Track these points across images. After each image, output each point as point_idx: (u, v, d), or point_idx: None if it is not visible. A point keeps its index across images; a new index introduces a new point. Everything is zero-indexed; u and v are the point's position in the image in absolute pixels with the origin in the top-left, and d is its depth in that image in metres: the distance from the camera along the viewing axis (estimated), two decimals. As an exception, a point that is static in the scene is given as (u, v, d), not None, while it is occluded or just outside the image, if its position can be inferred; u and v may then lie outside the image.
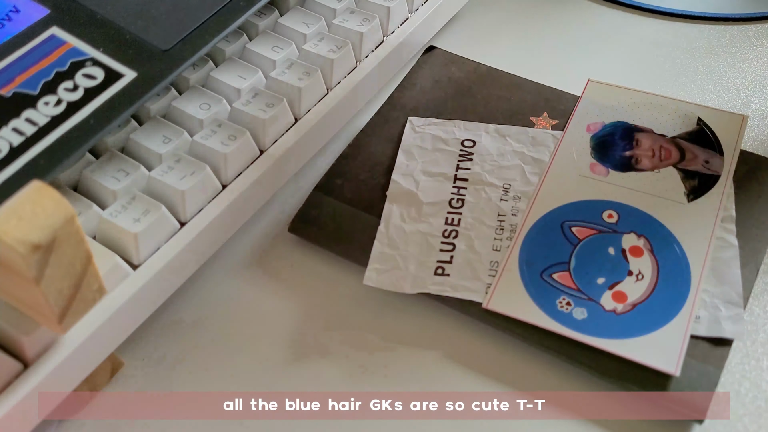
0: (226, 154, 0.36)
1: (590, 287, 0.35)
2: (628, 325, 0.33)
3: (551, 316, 0.33)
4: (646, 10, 0.52)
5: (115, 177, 0.35)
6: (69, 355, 0.31)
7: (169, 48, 0.36)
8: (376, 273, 0.36)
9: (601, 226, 0.37)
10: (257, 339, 0.36)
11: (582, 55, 0.49)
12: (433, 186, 0.39)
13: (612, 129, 0.40)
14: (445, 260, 0.36)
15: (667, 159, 0.38)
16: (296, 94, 0.39)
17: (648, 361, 0.32)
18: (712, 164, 0.38)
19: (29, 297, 0.28)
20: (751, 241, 0.36)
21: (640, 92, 0.41)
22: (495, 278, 0.35)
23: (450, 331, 0.35)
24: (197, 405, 0.34)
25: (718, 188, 0.37)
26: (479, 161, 0.40)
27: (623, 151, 0.39)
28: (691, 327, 0.33)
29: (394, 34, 0.44)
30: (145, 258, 0.34)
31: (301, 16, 0.43)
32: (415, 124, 0.42)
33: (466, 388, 0.34)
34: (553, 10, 0.52)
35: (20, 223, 0.26)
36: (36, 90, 0.34)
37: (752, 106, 0.45)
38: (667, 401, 0.32)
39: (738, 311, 0.33)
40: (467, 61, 0.45)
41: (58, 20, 0.36)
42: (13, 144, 0.32)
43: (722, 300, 0.33)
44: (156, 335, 0.36)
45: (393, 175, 0.39)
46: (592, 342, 0.33)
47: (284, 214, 0.41)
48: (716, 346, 0.33)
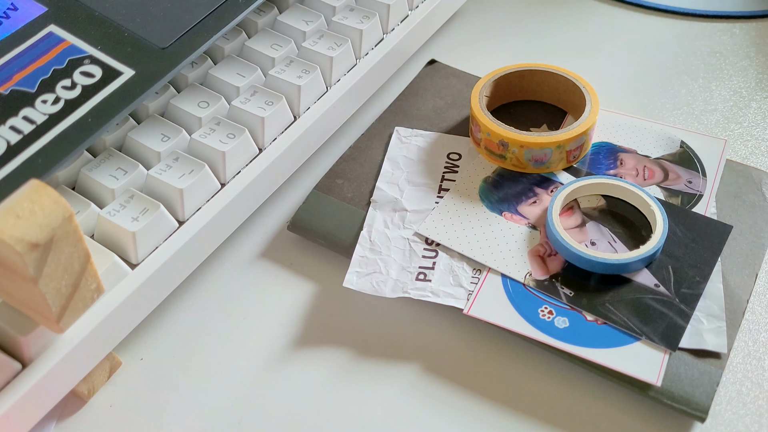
0: (225, 152, 0.36)
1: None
2: (609, 334, 0.33)
3: (533, 324, 0.33)
4: (647, 8, 0.51)
5: (113, 175, 0.35)
6: (67, 354, 0.31)
7: (168, 46, 0.36)
8: (356, 276, 0.36)
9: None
10: (256, 338, 0.36)
11: (583, 54, 0.48)
12: (418, 195, 0.39)
13: (596, 149, 0.40)
14: (427, 266, 0.36)
15: (650, 178, 0.39)
16: (295, 92, 0.39)
17: (630, 370, 0.32)
18: (695, 184, 0.38)
19: (27, 296, 0.28)
20: (748, 247, 0.36)
21: (625, 115, 0.42)
22: (477, 285, 0.35)
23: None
24: (195, 404, 0.34)
25: (701, 207, 0.37)
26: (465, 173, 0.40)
27: (607, 170, 0.39)
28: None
29: (393, 31, 0.44)
30: (143, 257, 0.34)
31: (300, 13, 0.43)
32: (401, 134, 0.42)
33: (446, 397, 0.34)
34: (553, 8, 0.52)
35: (18, 221, 0.25)
36: (34, 88, 0.34)
37: (754, 104, 0.45)
38: (668, 400, 0.31)
39: (720, 324, 0.33)
40: (467, 75, 0.45)
41: (56, 18, 0.36)
42: (10, 142, 0.32)
43: (705, 313, 0.34)
44: (154, 334, 0.36)
45: (378, 182, 0.39)
46: (574, 351, 0.33)
47: (284, 213, 0.41)
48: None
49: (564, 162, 0.39)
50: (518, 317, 0.34)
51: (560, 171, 0.39)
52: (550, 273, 0.35)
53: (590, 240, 0.36)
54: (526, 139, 0.38)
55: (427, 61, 0.48)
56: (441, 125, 0.42)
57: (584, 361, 0.33)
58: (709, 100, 0.45)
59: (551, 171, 0.39)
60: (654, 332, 0.33)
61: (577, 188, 0.37)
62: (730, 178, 0.39)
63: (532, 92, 0.43)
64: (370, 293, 0.35)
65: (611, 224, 0.37)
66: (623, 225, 0.37)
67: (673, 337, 0.33)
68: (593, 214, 0.37)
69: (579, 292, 0.34)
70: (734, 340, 0.33)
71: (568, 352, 0.33)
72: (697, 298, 0.34)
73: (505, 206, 0.38)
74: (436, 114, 0.43)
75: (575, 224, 0.37)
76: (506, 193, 0.39)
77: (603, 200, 0.38)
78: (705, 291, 0.34)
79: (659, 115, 0.44)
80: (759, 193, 0.38)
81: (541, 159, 0.38)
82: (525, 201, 0.38)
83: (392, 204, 0.38)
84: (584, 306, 0.34)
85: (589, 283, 0.35)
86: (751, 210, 0.38)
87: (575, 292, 0.34)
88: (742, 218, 0.37)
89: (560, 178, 0.39)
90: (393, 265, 0.36)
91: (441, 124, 0.42)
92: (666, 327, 0.33)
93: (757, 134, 0.43)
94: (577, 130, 0.38)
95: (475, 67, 0.48)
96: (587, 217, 0.37)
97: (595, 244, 0.36)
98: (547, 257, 0.36)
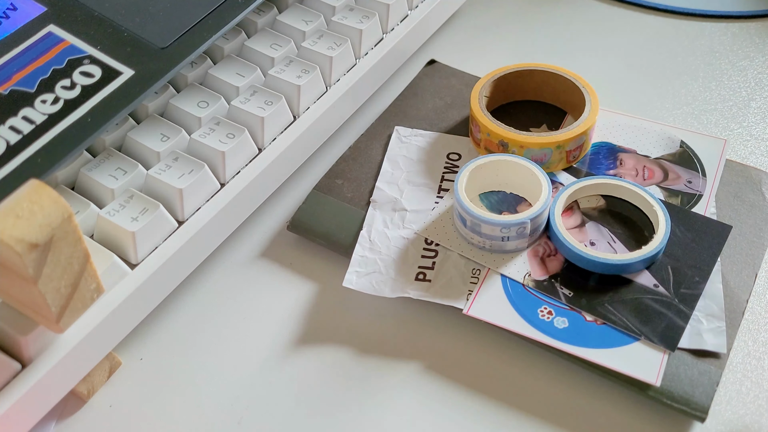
0: (225, 152, 0.36)
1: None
2: (609, 334, 0.33)
3: (532, 324, 0.33)
4: (647, 8, 0.51)
5: (112, 175, 0.35)
6: (67, 354, 0.31)
7: (167, 45, 0.36)
8: (356, 276, 0.36)
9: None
10: (256, 338, 0.36)
11: (583, 54, 0.48)
12: (417, 195, 0.39)
13: (596, 149, 0.40)
14: (426, 266, 0.36)
15: (650, 178, 0.39)
16: (295, 91, 0.39)
17: (629, 370, 0.32)
18: (695, 184, 0.38)
19: (27, 296, 0.28)
20: (748, 247, 0.36)
21: (625, 115, 0.42)
22: (476, 285, 0.35)
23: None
24: (195, 404, 0.34)
25: (700, 207, 0.37)
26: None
27: (607, 169, 0.39)
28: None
29: (393, 31, 0.44)
30: (143, 257, 0.34)
31: (299, 13, 0.43)
32: (401, 134, 0.42)
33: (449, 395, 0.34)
34: (553, 8, 0.52)
35: (18, 221, 0.25)
36: (33, 88, 0.34)
37: (754, 104, 0.45)
38: (667, 400, 0.31)
39: (719, 324, 0.33)
40: (467, 75, 0.45)
41: (56, 18, 0.36)
42: (10, 142, 0.32)
43: (704, 313, 0.34)
44: (154, 334, 0.36)
45: (377, 182, 0.39)
46: (574, 351, 0.33)
47: (283, 213, 0.41)
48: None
49: (564, 162, 0.39)
50: (518, 317, 0.34)
51: (560, 171, 0.39)
52: (550, 273, 0.35)
53: (590, 240, 0.36)
54: (526, 140, 0.38)
55: (426, 61, 0.48)
56: (441, 125, 0.42)
57: (584, 361, 0.33)
58: (709, 100, 0.45)
59: (551, 171, 0.39)
60: (653, 332, 0.33)
61: (580, 188, 0.37)
62: (729, 178, 0.39)
63: (532, 92, 0.43)
64: (370, 293, 0.35)
65: (611, 224, 0.37)
66: (623, 225, 0.37)
67: (672, 338, 0.33)
68: (593, 214, 0.37)
69: (578, 292, 0.34)
70: (734, 340, 0.33)
71: (568, 353, 0.33)
72: (696, 298, 0.34)
73: (505, 206, 0.38)
74: (435, 114, 0.43)
75: (575, 224, 0.37)
76: (506, 193, 0.39)
77: (603, 200, 0.38)
78: (704, 291, 0.34)
79: (659, 115, 0.44)
80: (759, 193, 0.38)
81: (541, 159, 0.38)
82: (524, 201, 0.38)
83: (392, 204, 0.38)
84: (583, 306, 0.34)
85: (588, 283, 0.35)
86: (750, 210, 0.38)
87: (574, 292, 0.34)
88: (742, 218, 0.37)
89: (560, 179, 0.39)
90: (392, 265, 0.36)
91: (441, 124, 0.42)
92: (665, 327, 0.33)
93: (757, 134, 0.43)
94: (576, 130, 0.38)
95: (475, 67, 0.48)
96: (587, 217, 0.37)
97: (595, 244, 0.36)
98: (547, 257, 0.36)
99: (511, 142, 0.38)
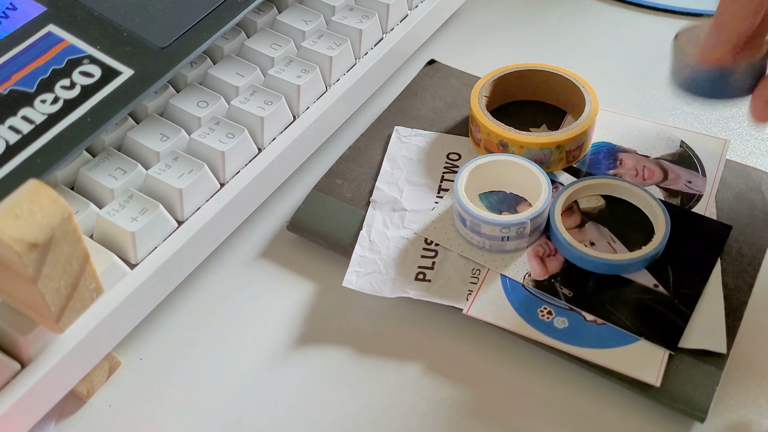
0: (224, 152, 0.36)
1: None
2: (609, 334, 0.33)
3: (532, 324, 0.33)
4: (647, 8, 0.51)
5: (112, 175, 0.35)
6: (66, 354, 0.31)
7: (167, 45, 0.36)
8: (356, 276, 0.36)
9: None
10: (256, 338, 0.36)
11: (583, 54, 0.48)
12: (417, 195, 0.39)
13: (596, 149, 0.40)
14: (426, 266, 0.36)
15: (650, 178, 0.39)
16: (295, 91, 0.39)
17: (629, 371, 0.32)
18: (695, 184, 0.38)
19: (27, 296, 0.28)
20: (748, 247, 0.36)
21: (625, 115, 0.42)
22: (476, 285, 0.35)
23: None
24: (195, 403, 0.33)
25: (700, 207, 0.37)
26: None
27: (607, 169, 0.39)
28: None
29: (393, 31, 0.44)
30: (142, 257, 0.34)
31: (299, 13, 0.43)
32: (401, 134, 0.42)
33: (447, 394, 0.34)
34: (553, 8, 0.52)
35: (17, 221, 0.25)
36: (33, 88, 0.34)
37: (753, 103, 0.45)
38: (667, 400, 0.31)
39: (719, 324, 0.33)
40: (466, 75, 0.45)
41: (55, 18, 0.36)
42: (9, 142, 0.32)
43: (704, 313, 0.33)
44: (154, 334, 0.36)
45: (377, 182, 0.39)
46: (574, 351, 0.33)
47: (283, 213, 0.41)
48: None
49: (564, 162, 0.39)
50: (517, 317, 0.34)
51: (560, 171, 0.39)
52: (549, 273, 0.35)
53: (589, 240, 0.36)
54: (526, 140, 0.38)
55: (426, 61, 0.48)
56: (440, 125, 0.42)
57: (584, 361, 0.33)
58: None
59: (551, 171, 0.39)
60: (653, 332, 0.33)
61: (580, 188, 0.37)
62: (729, 178, 0.39)
63: (532, 92, 0.43)
64: (370, 293, 0.35)
65: (611, 224, 0.37)
66: (623, 225, 0.37)
67: (672, 338, 0.33)
68: (593, 214, 0.37)
69: (578, 292, 0.34)
70: (734, 340, 0.33)
71: (568, 353, 0.33)
72: (696, 298, 0.34)
73: (504, 206, 0.38)
74: (435, 114, 0.43)
75: (575, 224, 0.37)
76: (506, 193, 0.39)
77: (603, 200, 0.38)
78: (704, 291, 0.34)
79: (659, 115, 0.44)
80: (759, 193, 0.38)
81: (541, 159, 0.38)
82: (524, 201, 0.38)
83: (391, 204, 0.38)
84: (583, 306, 0.34)
85: (588, 283, 0.35)
86: (750, 210, 0.38)
87: (574, 292, 0.34)
88: (742, 218, 0.37)
89: (560, 179, 0.39)
90: (392, 265, 0.36)
91: (440, 124, 0.42)
92: (665, 327, 0.33)
93: (757, 134, 0.43)
94: (576, 130, 0.38)
95: (475, 67, 0.48)
96: (587, 217, 0.37)
97: (595, 244, 0.36)
98: (546, 257, 0.36)
99: (511, 142, 0.38)
